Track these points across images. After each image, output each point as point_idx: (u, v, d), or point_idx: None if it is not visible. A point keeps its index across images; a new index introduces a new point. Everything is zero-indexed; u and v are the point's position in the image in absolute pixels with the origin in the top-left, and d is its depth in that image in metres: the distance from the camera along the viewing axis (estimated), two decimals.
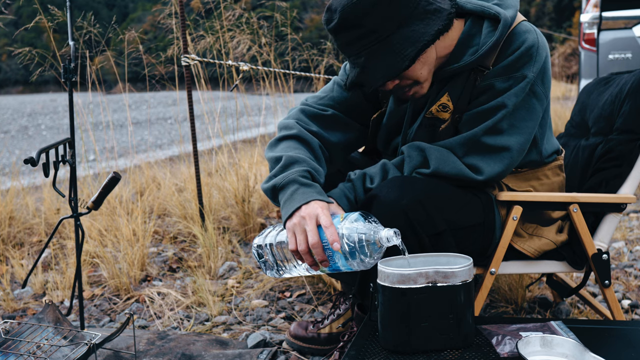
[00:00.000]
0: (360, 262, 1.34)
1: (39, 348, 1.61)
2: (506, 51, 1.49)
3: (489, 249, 1.63)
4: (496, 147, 1.51)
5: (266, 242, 1.49)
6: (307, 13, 31.10)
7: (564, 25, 28.40)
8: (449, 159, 1.51)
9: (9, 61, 39.94)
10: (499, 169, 1.52)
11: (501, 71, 1.49)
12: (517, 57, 1.48)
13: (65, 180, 2.05)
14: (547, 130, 1.66)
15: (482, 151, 1.51)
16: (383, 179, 1.53)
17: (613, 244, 2.97)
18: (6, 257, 3.11)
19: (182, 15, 3.15)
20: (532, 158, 1.65)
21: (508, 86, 1.49)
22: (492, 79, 1.50)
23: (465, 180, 1.52)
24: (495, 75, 1.50)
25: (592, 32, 4.97)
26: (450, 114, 1.56)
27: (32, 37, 13.59)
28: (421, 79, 1.49)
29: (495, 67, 1.50)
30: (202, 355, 1.86)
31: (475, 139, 1.51)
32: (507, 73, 1.49)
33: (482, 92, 1.52)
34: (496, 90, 1.50)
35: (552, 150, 1.70)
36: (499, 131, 1.51)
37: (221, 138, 3.94)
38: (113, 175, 1.77)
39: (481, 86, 1.51)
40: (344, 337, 1.73)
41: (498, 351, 1.30)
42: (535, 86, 1.51)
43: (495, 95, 1.50)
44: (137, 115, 15.79)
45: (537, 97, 1.53)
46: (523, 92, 1.50)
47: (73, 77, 1.81)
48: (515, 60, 1.48)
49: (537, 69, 1.49)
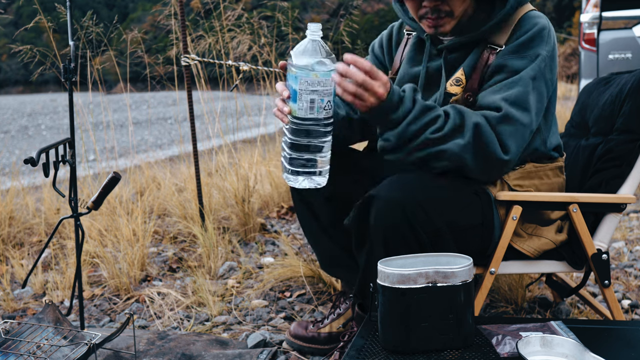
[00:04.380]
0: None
1: (39, 348, 1.62)
2: (518, 31, 1.55)
3: (489, 249, 1.63)
4: (517, 120, 1.49)
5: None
6: (307, 13, 31.10)
7: (564, 25, 28.39)
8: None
9: (9, 61, 39.94)
10: (520, 147, 1.51)
11: (514, 49, 1.54)
12: (530, 36, 1.53)
13: (65, 180, 2.05)
14: (552, 123, 1.68)
15: (509, 122, 1.48)
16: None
17: (613, 244, 2.97)
18: (6, 257, 3.11)
19: (182, 15, 3.15)
20: (537, 146, 1.64)
21: (523, 65, 1.52)
22: (506, 57, 1.54)
23: (492, 157, 1.47)
24: (509, 53, 1.54)
25: (592, 32, 4.97)
26: (462, 88, 1.58)
27: (32, 37, 13.57)
28: (456, 11, 1.56)
29: (509, 46, 1.54)
30: (202, 355, 1.86)
31: (501, 106, 1.49)
32: (520, 51, 1.53)
33: (496, 71, 1.55)
34: (511, 68, 1.53)
35: (556, 143, 1.71)
36: (521, 105, 1.50)
37: (221, 138, 3.94)
38: (113, 175, 1.77)
39: (495, 65, 1.55)
40: (344, 337, 1.73)
41: (498, 351, 1.30)
42: (546, 71, 1.54)
43: (512, 73, 1.52)
44: (137, 115, 15.79)
45: (546, 83, 1.55)
46: (538, 70, 1.52)
47: (73, 77, 1.81)
48: (528, 40, 1.53)
49: (549, 49, 1.54)
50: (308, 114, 1.35)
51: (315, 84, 1.33)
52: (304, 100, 1.34)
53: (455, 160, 1.46)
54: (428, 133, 1.44)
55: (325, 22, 26.37)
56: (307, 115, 1.35)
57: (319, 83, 1.33)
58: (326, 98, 1.35)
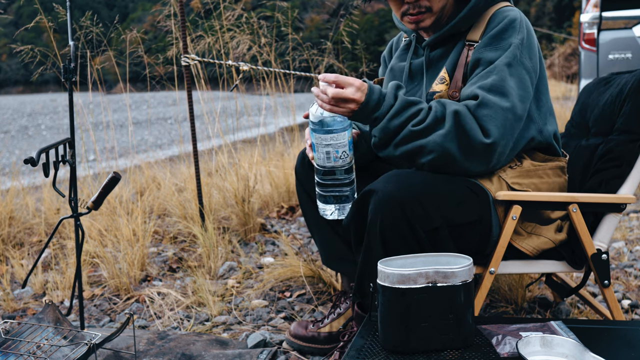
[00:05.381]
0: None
1: (39, 348, 1.62)
2: (491, 25, 1.62)
3: (487, 248, 1.64)
4: (494, 104, 1.52)
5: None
6: (307, 13, 31.10)
7: (564, 25, 28.40)
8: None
9: (9, 61, 39.96)
10: (502, 129, 1.52)
11: (487, 42, 1.60)
12: (501, 28, 1.60)
13: (65, 180, 2.05)
14: (547, 112, 1.70)
15: (486, 107, 1.51)
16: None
17: (613, 244, 2.97)
18: (6, 257, 3.11)
19: (182, 15, 3.15)
20: (533, 135, 1.66)
21: (497, 55, 1.58)
22: (481, 50, 1.60)
23: (474, 142, 1.50)
24: (483, 46, 1.61)
25: (592, 32, 4.97)
26: (447, 86, 1.64)
27: (32, 37, 13.58)
28: (434, 7, 1.65)
29: (482, 40, 1.62)
30: (202, 355, 1.86)
31: (478, 93, 1.53)
32: (493, 44, 1.59)
33: (474, 65, 1.61)
34: (485, 59, 1.59)
35: (553, 131, 1.72)
36: (497, 91, 1.54)
37: (221, 138, 3.94)
38: (113, 175, 1.77)
39: (473, 60, 1.61)
40: (344, 337, 1.73)
41: (498, 351, 1.30)
42: (523, 58, 1.58)
43: (487, 64, 1.58)
44: (137, 115, 15.79)
45: (526, 69, 1.58)
46: (513, 58, 1.57)
47: (73, 77, 1.81)
48: (500, 31, 1.60)
49: (521, 37, 1.59)
50: (325, 163, 1.53)
51: (329, 139, 1.49)
52: (320, 152, 1.52)
53: (439, 151, 1.50)
54: (410, 126, 1.51)
55: (325, 22, 26.31)
56: (325, 164, 1.54)
57: (332, 138, 1.49)
58: (341, 149, 1.51)
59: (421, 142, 1.50)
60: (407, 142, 1.52)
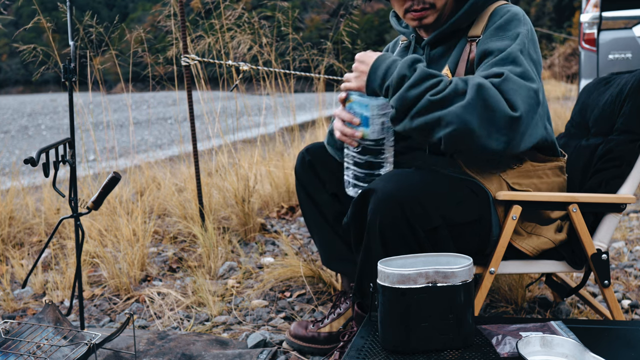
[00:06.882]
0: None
1: (39, 348, 1.62)
2: (493, 19, 1.61)
3: (487, 247, 1.64)
4: (519, 79, 1.46)
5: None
6: (307, 13, 31.10)
7: (564, 25, 28.41)
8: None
9: (9, 61, 39.97)
10: (528, 106, 1.44)
11: (493, 33, 1.59)
12: (506, 19, 1.59)
13: (65, 180, 2.05)
14: (547, 113, 1.67)
15: (511, 81, 1.45)
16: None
17: (613, 244, 2.97)
18: (6, 257, 3.11)
19: (182, 15, 3.15)
20: (541, 134, 1.58)
21: (506, 44, 1.54)
22: (487, 41, 1.58)
23: (499, 114, 1.41)
24: (488, 37, 1.59)
25: (592, 32, 4.97)
26: None
27: (32, 37, 13.58)
28: (438, 4, 1.66)
29: (486, 32, 1.60)
30: (202, 355, 1.86)
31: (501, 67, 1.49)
32: (499, 34, 1.57)
33: (482, 56, 1.57)
34: (495, 48, 1.54)
35: (550, 138, 1.68)
36: (520, 73, 1.47)
37: (221, 138, 3.94)
38: (113, 175, 1.77)
39: (479, 52, 1.59)
40: (344, 337, 1.73)
41: (498, 351, 1.30)
42: (529, 50, 1.55)
43: (499, 51, 1.53)
44: (137, 115, 15.79)
45: (533, 61, 1.55)
46: (523, 46, 1.53)
47: (73, 77, 1.81)
48: (505, 22, 1.58)
49: (527, 29, 1.57)
50: (380, 135, 1.57)
51: (384, 107, 1.55)
52: (376, 123, 1.56)
53: (458, 123, 1.40)
54: (429, 95, 1.44)
55: (325, 22, 26.29)
56: (380, 136, 1.57)
57: (385, 106, 1.55)
58: (388, 117, 1.55)
59: (439, 114, 1.42)
60: (425, 113, 1.43)
